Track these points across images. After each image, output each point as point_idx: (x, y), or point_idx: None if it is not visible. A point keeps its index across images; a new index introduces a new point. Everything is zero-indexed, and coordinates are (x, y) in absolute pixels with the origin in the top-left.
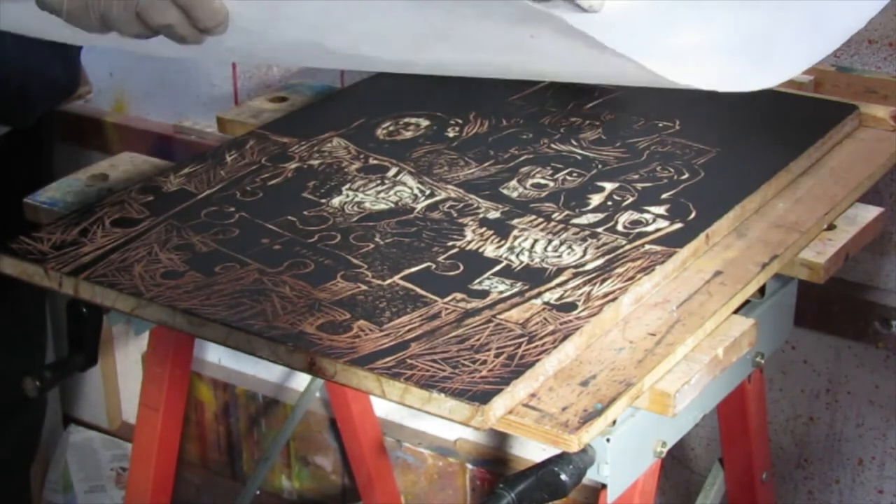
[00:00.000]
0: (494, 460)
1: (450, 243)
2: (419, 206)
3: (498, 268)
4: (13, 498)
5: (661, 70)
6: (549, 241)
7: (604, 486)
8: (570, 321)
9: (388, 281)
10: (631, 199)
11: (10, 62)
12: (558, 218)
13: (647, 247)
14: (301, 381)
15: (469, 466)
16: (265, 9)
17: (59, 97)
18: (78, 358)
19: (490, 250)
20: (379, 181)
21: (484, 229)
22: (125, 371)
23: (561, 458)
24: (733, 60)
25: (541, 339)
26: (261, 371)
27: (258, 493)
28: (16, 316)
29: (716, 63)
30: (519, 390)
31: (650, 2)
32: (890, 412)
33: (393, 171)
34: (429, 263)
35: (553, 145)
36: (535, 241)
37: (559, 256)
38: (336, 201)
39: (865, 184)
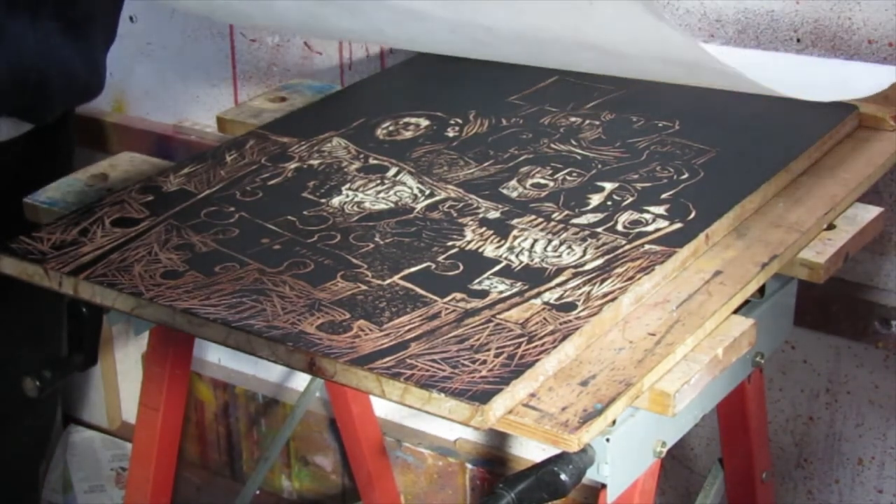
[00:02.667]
0: (494, 460)
1: (450, 243)
2: (419, 206)
3: (498, 268)
4: (22, 497)
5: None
6: (549, 241)
7: (604, 486)
8: (570, 321)
9: (388, 281)
10: (631, 199)
11: (29, 55)
12: (558, 218)
13: (647, 247)
14: (301, 381)
15: (469, 466)
16: None
17: (80, 96)
18: (78, 358)
19: (490, 250)
20: (379, 181)
21: (484, 229)
22: (125, 371)
23: (561, 458)
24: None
25: (540, 338)
26: (261, 371)
27: (258, 492)
28: (27, 315)
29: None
30: (519, 390)
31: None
32: (890, 412)
33: (393, 170)
34: (429, 263)
35: (553, 145)
36: (535, 240)
37: (559, 256)
38: (336, 201)
39: (865, 184)
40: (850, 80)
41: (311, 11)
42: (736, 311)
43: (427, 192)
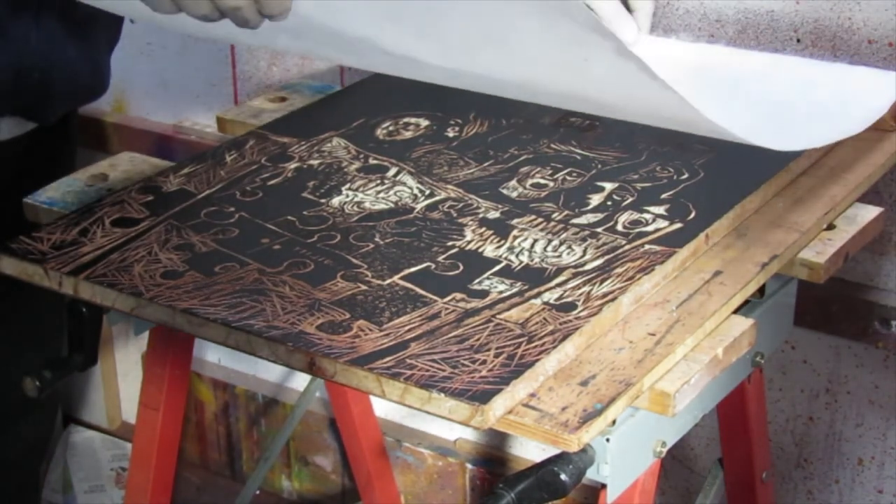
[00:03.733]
0: (494, 460)
1: (449, 243)
2: (419, 206)
3: (498, 268)
4: (23, 497)
5: (701, 107)
6: (549, 241)
7: (604, 486)
8: (570, 321)
9: (388, 281)
10: (630, 199)
11: (33, 54)
12: (558, 218)
13: (647, 247)
14: (301, 381)
15: (469, 466)
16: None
17: (82, 97)
18: (78, 358)
19: (490, 250)
20: (379, 181)
21: (484, 229)
22: (125, 371)
23: (561, 458)
24: (761, 122)
25: (540, 338)
26: (261, 371)
27: (258, 493)
28: (28, 316)
29: (745, 120)
30: (519, 390)
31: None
32: (890, 412)
33: (393, 171)
34: (428, 263)
35: (553, 145)
36: (535, 241)
37: (559, 256)
38: (336, 201)
39: (865, 184)
40: (854, 104)
41: (310, 50)
42: (736, 311)
43: (427, 192)
